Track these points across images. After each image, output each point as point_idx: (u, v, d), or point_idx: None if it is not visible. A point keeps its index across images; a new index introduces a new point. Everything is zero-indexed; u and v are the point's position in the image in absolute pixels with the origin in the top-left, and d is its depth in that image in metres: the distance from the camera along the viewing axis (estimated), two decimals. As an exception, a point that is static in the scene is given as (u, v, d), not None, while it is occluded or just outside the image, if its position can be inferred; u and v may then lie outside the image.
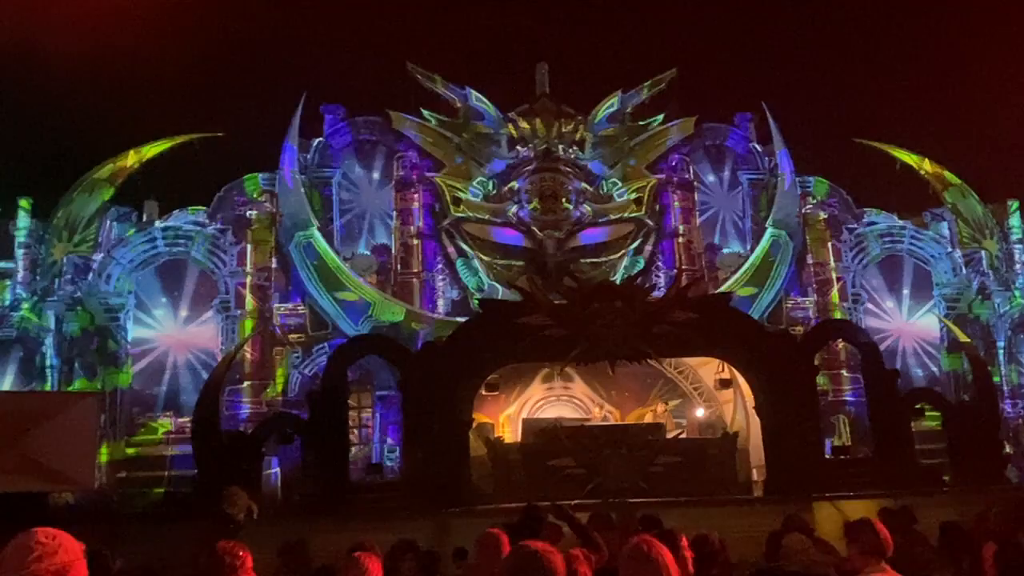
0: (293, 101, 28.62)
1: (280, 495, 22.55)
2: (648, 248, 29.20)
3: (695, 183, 30.35)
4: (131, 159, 27.76)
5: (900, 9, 41.61)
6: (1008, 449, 24.97)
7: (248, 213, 27.41)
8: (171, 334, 26.75)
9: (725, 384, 23.99)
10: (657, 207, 29.62)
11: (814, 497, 17.82)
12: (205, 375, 24.14)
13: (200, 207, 27.72)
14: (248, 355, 26.19)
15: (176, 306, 27.08)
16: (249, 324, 26.56)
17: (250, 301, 26.74)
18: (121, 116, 33.39)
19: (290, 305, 27.15)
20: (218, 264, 27.18)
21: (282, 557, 6.56)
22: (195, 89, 36.70)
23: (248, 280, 26.87)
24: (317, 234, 27.46)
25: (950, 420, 22.21)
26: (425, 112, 29.52)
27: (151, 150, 28.16)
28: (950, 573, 7.19)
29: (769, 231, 29.10)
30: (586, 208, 28.65)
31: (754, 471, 22.31)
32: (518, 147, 29.29)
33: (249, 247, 27.13)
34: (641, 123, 30.43)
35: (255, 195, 27.80)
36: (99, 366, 25.29)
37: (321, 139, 29.18)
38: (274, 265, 27.26)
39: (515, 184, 28.68)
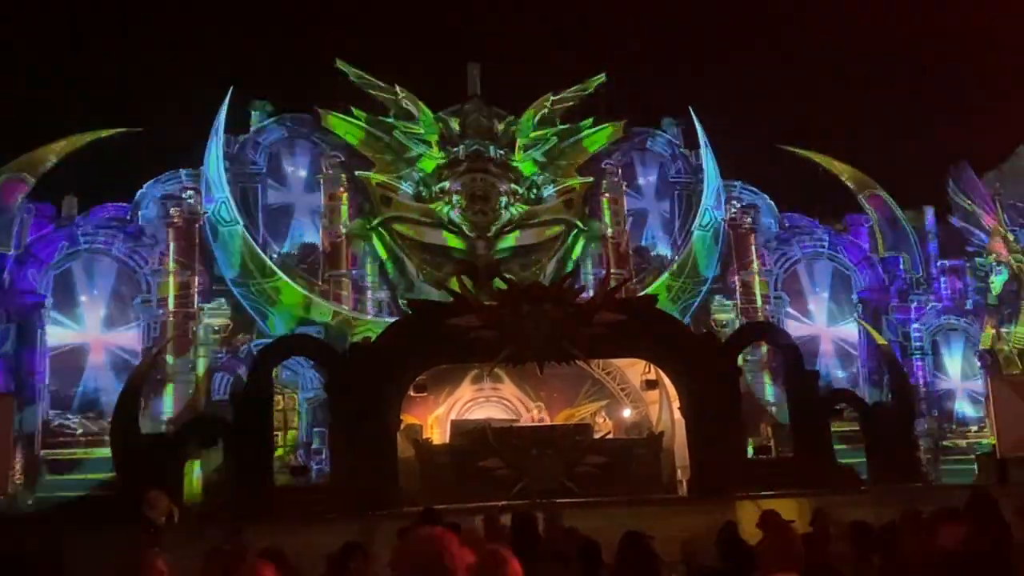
0: (218, 96, 28.11)
1: (203, 498, 22.11)
2: (577, 250, 29.41)
3: (624, 186, 30.64)
4: (49, 153, 26.92)
5: (823, 19, 42.62)
6: (923, 448, 25.82)
7: (171, 210, 26.80)
8: (91, 333, 25.99)
9: (651, 385, 24.28)
10: (586, 209, 29.85)
11: (737, 496, 18.17)
12: (126, 375, 23.57)
13: (122, 203, 27.05)
14: (170, 355, 25.63)
15: (96, 304, 26.31)
16: (172, 323, 26.00)
17: (173, 300, 26.16)
18: (39, 109, 32.46)
19: (214, 304, 26.63)
20: (140, 261, 26.53)
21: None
22: (117, 83, 35.82)
23: (171, 278, 26.28)
24: (243, 231, 27.01)
25: (867, 421, 22.83)
26: (355, 110, 29.26)
27: (70, 144, 27.35)
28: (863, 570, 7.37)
29: (695, 234, 29.59)
30: (516, 210, 28.73)
31: (679, 471, 22.64)
32: (449, 147, 29.22)
33: (172, 244, 26.52)
34: (571, 126, 30.62)
35: (179, 191, 27.23)
36: (15, 366, 24.45)
37: (247, 135, 28.69)
38: (198, 263, 26.70)
39: (446, 184, 28.60)
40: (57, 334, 25.61)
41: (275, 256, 27.83)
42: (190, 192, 27.21)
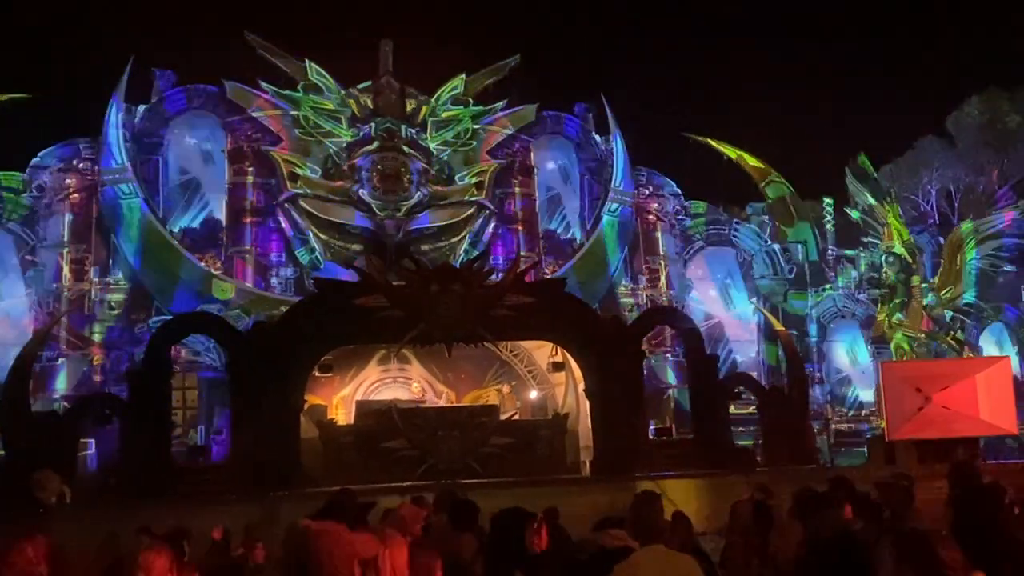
0: (118, 63, 27.12)
1: (98, 479, 21.45)
2: (488, 232, 29.45)
3: (535, 169, 30.81)
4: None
5: (735, 11, 43.47)
6: (817, 431, 26.70)
7: (67, 180, 25.81)
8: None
9: (558, 367, 24.46)
10: (497, 191, 29.91)
11: (638, 477, 18.49)
12: (16, 350, 22.65)
13: (14, 172, 25.94)
14: (64, 331, 24.75)
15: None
16: (66, 297, 25.10)
17: (67, 274, 25.25)
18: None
19: (111, 279, 25.82)
20: (33, 234, 25.53)
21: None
22: (10, 47, 34.21)
23: (66, 252, 25.37)
24: (142, 205, 26.19)
25: (764, 404, 23.47)
26: (263, 83, 28.60)
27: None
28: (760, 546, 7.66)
29: (604, 219, 29.95)
30: (427, 190, 28.58)
31: (582, 451, 22.91)
32: (359, 125, 28.84)
33: (68, 216, 25.58)
34: (484, 107, 30.58)
35: (76, 161, 26.24)
36: None
37: (149, 104, 27.76)
38: (95, 236, 25.82)
39: (355, 162, 28.24)
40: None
41: (176, 231, 27.09)
42: (87, 163, 26.26)
